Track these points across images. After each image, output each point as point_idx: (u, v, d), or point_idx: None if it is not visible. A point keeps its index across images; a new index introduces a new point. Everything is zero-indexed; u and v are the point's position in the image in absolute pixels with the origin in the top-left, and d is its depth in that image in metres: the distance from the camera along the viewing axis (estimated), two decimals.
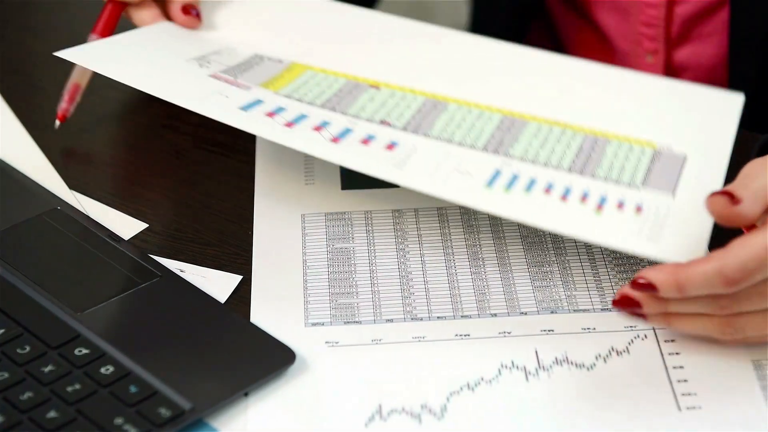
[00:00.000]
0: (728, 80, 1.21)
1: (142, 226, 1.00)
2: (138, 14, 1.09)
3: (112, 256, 0.95)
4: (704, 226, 0.87)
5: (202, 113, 0.94)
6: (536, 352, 0.88)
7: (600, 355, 0.87)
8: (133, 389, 0.83)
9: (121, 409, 0.82)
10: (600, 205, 0.90)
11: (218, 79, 1.01)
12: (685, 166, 0.96)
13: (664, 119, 1.02)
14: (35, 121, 1.11)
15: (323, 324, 0.90)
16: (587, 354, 0.87)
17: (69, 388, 0.83)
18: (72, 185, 1.03)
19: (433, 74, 1.06)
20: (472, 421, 0.83)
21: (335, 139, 0.94)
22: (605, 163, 0.96)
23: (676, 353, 0.87)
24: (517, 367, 0.86)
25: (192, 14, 1.09)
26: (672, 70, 1.25)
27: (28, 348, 0.86)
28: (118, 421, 0.81)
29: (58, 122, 1.07)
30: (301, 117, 0.97)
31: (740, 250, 0.80)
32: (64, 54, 1.00)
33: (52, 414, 0.81)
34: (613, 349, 0.88)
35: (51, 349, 0.86)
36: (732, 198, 0.82)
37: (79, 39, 1.07)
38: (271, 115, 0.96)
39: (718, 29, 1.21)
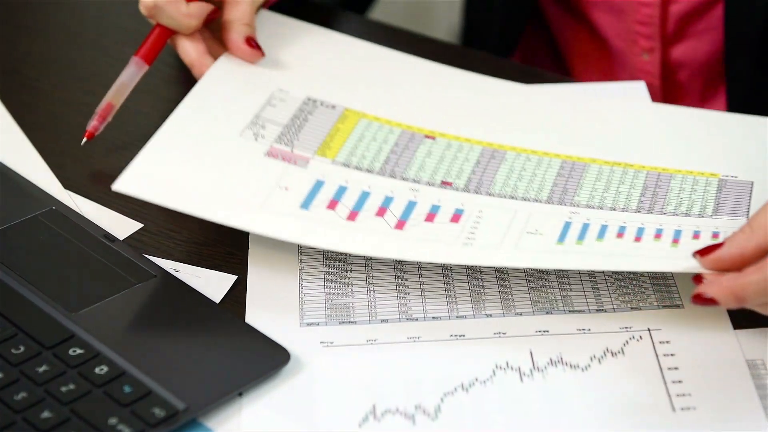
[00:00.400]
0: (725, 76, 1.21)
1: (137, 225, 1.00)
2: (184, 45, 1.06)
3: (106, 256, 0.94)
4: None
5: (264, 234, 0.91)
6: (531, 352, 0.88)
7: (595, 356, 0.87)
8: (127, 389, 0.83)
9: (115, 409, 0.82)
10: (676, 239, 0.90)
11: (275, 157, 0.98)
12: (753, 191, 0.96)
13: (719, 151, 1.02)
14: (31, 121, 1.10)
15: (318, 324, 0.90)
16: (582, 355, 0.87)
17: (63, 388, 0.83)
18: (67, 185, 1.03)
19: (486, 121, 1.05)
20: (466, 422, 0.83)
21: (400, 223, 0.92)
22: (672, 199, 0.96)
23: (671, 354, 0.87)
24: (512, 368, 0.86)
25: (254, 47, 1.06)
26: (668, 67, 1.25)
27: (22, 348, 0.86)
28: (112, 421, 0.81)
29: (85, 139, 1.05)
30: (364, 197, 0.95)
31: None
32: (123, 188, 0.92)
33: (46, 414, 0.81)
34: (608, 350, 0.88)
35: (45, 349, 0.86)
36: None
37: (76, 39, 1.07)
38: (333, 204, 0.94)
39: (713, 25, 1.21)
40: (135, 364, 0.85)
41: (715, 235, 0.90)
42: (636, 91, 1.11)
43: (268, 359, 0.86)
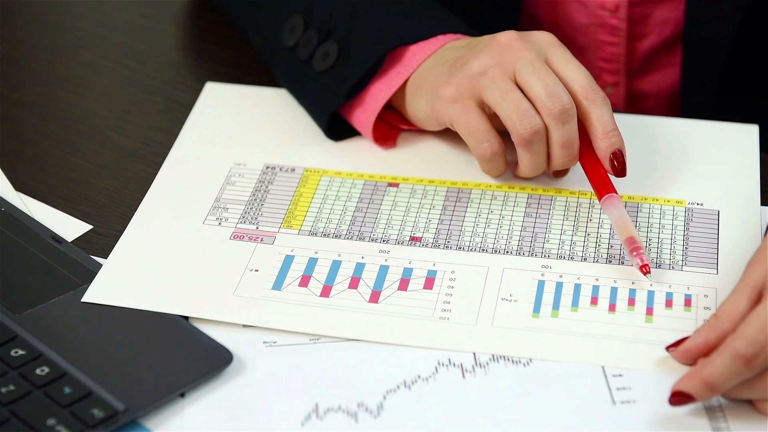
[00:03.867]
0: (680, 111, 1.20)
1: (86, 227, 1.00)
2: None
3: (53, 257, 0.94)
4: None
5: (239, 322, 0.89)
6: None
7: None
8: (67, 390, 0.83)
9: (54, 410, 0.81)
10: (650, 308, 0.89)
11: (241, 239, 0.96)
12: (720, 222, 0.96)
13: (682, 168, 1.01)
14: None
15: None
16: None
17: (3, 389, 0.83)
18: (19, 187, 1.03)
19: (446, 159, 1.03)
20: (408, 419, 0.83)
21: (374, 295, 0.91)
22: (641, 237, 0.95)
23: None
24: (454, 365, 0.86)
25: None
26: (632, 97, 1.24)
27: None
28: (51, 422, 0.81)
29: None
30: (335, 267, 0.94)
31: (745, 328, 0.80)
32: (93, 299, 0.91)
33: None
34: None
35: None
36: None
37: (31, 41, 1.06)
38: (305, 281, 0.92)
39: (678, 59, 1.19)
40: (77, 365, 0.85)
41: (687, 300, 0.89)
42: None
43: (210, 360, 0.86)
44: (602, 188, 0.95)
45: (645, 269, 0.90)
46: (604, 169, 0.96)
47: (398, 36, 1.01)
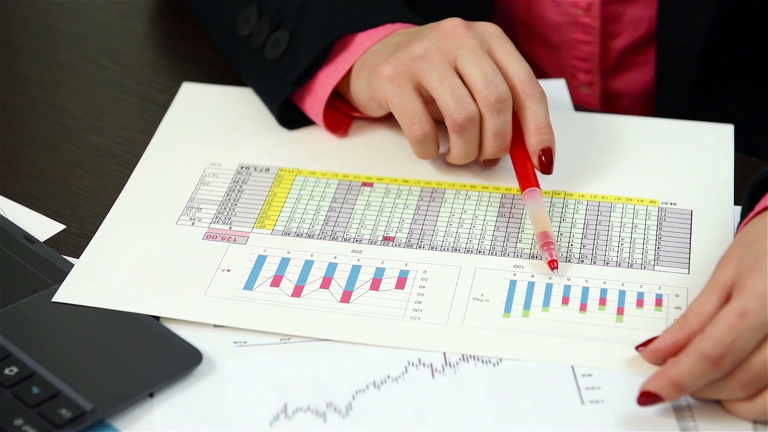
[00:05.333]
0: (655, 111, 1.20)
1: (59, 227, 0.99)
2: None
3: (24, 257, 0.94)
4: None
5: (209, 322, 0.89)
6: None
7: None
8: (35, 390, 0.83)
9: (22, 410, 0.81)
10: (621, 307, 0.89)
11: (214, 239, 0.96)
12: (693, 221, 0.96)
13: (656, 167, 1.01)
14: None
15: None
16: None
17: None
18: None
19: (420, 160, 1.02)
20: (376, 418, 0.83)
21: (346, 295, 0.91)
22: (614, 238, 0.94)
23: None
24: (424, 364, 0.86)
25: None
26: (608, 96, 1.24)
27: None
28: (18, 422, 0.80)
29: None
30: (308, 267, 0.93)
31: (713, 329, 0.79)
32: (63, 298, 0.91)
33: None
34: None
35: None
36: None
37: (8, 41, 1.06)
38: (277, 281, 0.92)
39: (652, 58, 1.19)
40: (46, 365, 0.85)
41: (659, 300, 0.89)
42: (557, 90, 1.10)
43: (179, 360, 0.86)
44: (526, 181, 0.95)
45: (553, 264, 0.91)
46: (532, 164, 0.96)
47: (347, 24, 1.02)
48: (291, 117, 1.06)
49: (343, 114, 1.06)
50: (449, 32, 0.96)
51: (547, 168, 0.96)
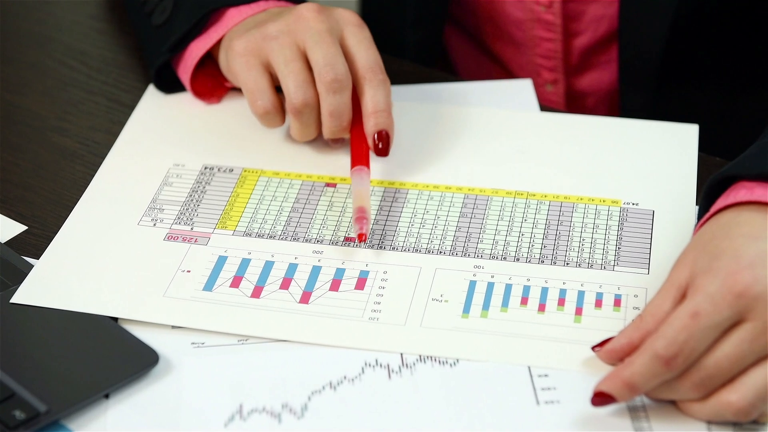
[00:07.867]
0: (619, 109, 1.20)
1: (21, 228, 0.99)
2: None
3: None
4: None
5: (166, 323, 0.89)
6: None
7: None
8: None
9: None
10: (579, 308, 0.89)
11: (175, 240, 0.96)
12: (654, 222, 0.96)
13: (618, 167, 1.01)
14: None
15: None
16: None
17: None
18: None
19: (383, 160, 1.02)
20: (332, 419, 0.83)
21: (305, 296, 0.90)
22: (575, 238, 0.94)
23: None
24: (381, 365, 0.86)
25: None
26: (572, 96, 1.24)
27: None
28: None
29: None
30: (268, 267, 0.93)
31: (666, 329, 0.79)
32: (22, 299, 0.91)
33: None
34: None
35: None
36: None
37: None
38: (237, 282, 0.92)
39: (615, 57, 1.19)
40: (1, 366, 0.84)
41: (617, 300, 0.89)
42: (523, 89, 1.11)
43: (136, 360, 0.86)
44: (356, 160, 0.99)
45: (361, 237, 0.93)
46: (368, 146, 0.99)
47: None
48: (172, 83, 1.11)
49: (218, 83, 1.10)
50: (302, 16, 1.00)
51: (383, 151, 0.99)
